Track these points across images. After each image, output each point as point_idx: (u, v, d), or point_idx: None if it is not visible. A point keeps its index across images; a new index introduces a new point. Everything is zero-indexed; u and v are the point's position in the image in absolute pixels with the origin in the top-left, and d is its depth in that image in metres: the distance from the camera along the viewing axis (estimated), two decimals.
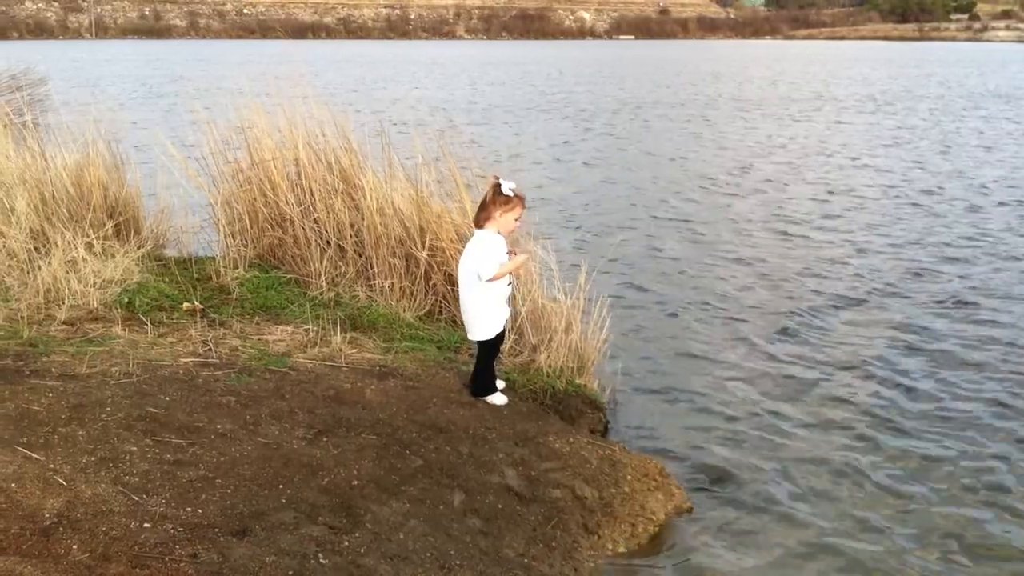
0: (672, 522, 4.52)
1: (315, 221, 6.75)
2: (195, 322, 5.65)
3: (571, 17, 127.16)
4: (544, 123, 22.67)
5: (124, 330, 5.41)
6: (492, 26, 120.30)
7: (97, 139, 7.36)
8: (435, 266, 6.35)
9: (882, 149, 18.30)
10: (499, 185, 4.70)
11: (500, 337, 4.98)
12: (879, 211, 12.25)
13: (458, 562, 3.58)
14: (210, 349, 5.20)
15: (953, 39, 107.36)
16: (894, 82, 37.89)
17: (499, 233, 4.76)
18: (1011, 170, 15.49)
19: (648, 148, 18.58)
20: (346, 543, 3.44)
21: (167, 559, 3.11)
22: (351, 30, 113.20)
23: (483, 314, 4.83)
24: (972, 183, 14.29)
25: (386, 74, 40.72)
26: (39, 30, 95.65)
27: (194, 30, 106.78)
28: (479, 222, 4.79)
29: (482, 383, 5.01)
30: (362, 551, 3.42)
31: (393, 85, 33.73)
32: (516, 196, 4.73)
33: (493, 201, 4.70)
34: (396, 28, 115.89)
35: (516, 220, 4.80)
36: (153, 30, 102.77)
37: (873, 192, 13.62)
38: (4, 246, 6.37)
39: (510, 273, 4.92)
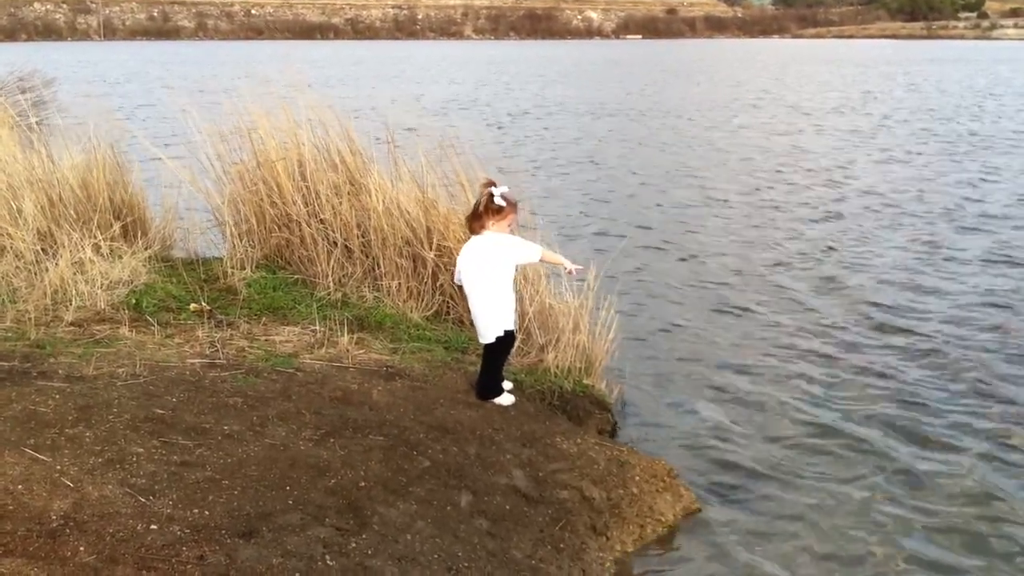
0: (681, 523, 4.50)
1: (321, 222, 6.74)
2: (202, 323, 5.64)
3: (579, 17, 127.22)
4: (548, 125, 22.67)
5: (131, 331, 5.41)
6: (500, 26, 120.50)
7: (102, 141, 7.36)
8: (442, 267, 6.33)
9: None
10: (492, 196, 4.60)
11: (510, 341, 4.94)
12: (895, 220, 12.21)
13: (465, 564, 3.56)
14: (217, 350, 5.19)
15: (961, 37, 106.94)
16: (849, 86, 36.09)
17: None
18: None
19: (652, 148, 18.56)
20: (353, 545, 3.43)
21: (174, 561, 3.10)
22: (359, 30, 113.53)
23: (499, 314, 4.77)
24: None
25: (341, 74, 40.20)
26: (47, 31, 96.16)
27: (202, 31, 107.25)
28: (475, 230, 4.71)
29: (488, 386, 4.96)
30: (369, 552, 3.41)
31: (340, 86, 33.44)
32: (508, 204, 4.62)
33: (486, 211, 4.62)
34: (404, 28, 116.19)
35: (509, 227, 4.73)
36: (161, 31, 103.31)
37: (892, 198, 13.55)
38: (11, 247, 6.37)
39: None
